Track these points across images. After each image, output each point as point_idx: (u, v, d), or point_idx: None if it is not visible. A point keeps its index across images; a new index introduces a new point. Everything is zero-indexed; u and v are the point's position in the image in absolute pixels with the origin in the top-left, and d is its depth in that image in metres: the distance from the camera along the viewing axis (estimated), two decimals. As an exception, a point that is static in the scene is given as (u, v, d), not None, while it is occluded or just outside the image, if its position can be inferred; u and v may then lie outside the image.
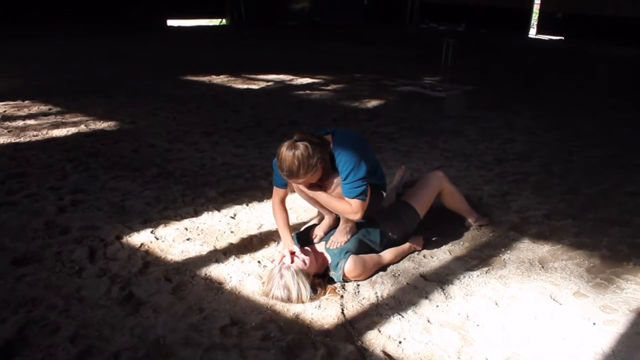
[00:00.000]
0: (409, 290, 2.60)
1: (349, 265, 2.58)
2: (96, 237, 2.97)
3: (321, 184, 2.60)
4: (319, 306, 2.43)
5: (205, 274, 2.66)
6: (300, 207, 3.52)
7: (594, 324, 2.38)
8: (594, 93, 9.04)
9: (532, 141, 5.50)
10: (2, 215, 3.19)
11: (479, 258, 2.96)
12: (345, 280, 2.62)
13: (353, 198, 2.51)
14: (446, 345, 2.20)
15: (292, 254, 2.55)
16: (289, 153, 2.39)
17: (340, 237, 2.72)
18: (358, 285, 2.62)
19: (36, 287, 2.46)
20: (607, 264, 2.93)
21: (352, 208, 2.54)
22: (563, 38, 24.13)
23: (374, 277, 2.69)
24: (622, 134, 6.06)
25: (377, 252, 2.80)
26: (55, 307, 2.32)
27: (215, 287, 2.56)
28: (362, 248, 2.73)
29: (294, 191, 2.79)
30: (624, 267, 2.90)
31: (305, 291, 2.44)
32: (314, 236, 2.85)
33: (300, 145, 2.40)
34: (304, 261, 2.52)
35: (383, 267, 2.78)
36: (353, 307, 2.44)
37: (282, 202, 2.77)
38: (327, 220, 2.88)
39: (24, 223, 3.09)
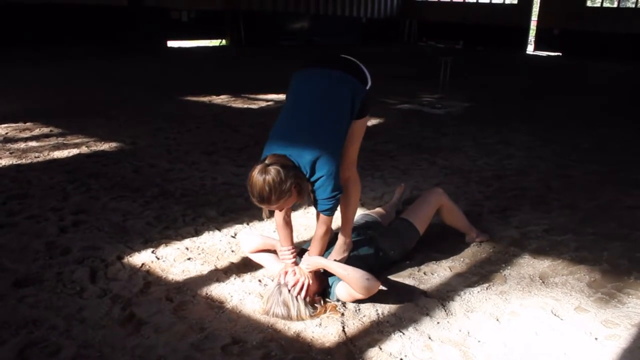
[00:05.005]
0: (409, 307, 2.59)
1: (340, 292, 2.58)
2: (97, 257, 2.98)
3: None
4: (320, 324, 2.43)
5: (206, 294, 2.66)
6: (300, 225, 3.53)
7: (596, 339, 2.37)
8: (591, 108, 9.10)
9: (531, 157, 5.53)
10: (3, 237, 3.20)
11: (480, 274, 2.96)
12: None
13: (320, 211, 2.50)
14: (448, 362, 2.20)
15: (286, 274, 2.55)
16: (259, 178, 2.25)
17: (337, 256, 2.72)
18: (359, 302, 2.62)
19: (37, 308, 2.46)
20: (608, 278, 2.94)
21: (320, 219, 2.54)
22: (560, 54, 24.34)
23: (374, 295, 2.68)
24: (618, 148, 6.10)
25: (375, 270, 2.79)
26: (56, 328, 2.32)
27: (216, 306, 2.56)
28: (358, 264, 2.72)
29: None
30: (625, 282, 2.91)
31: (304, 308, 2.45)
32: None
33: (272, 169, 2.24)
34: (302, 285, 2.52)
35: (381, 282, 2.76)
36: (354, 325, 2.44)
37: (286, 216, 2.70)
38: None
39: (25, 244, 3.10)
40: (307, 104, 2.47)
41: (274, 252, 2.83)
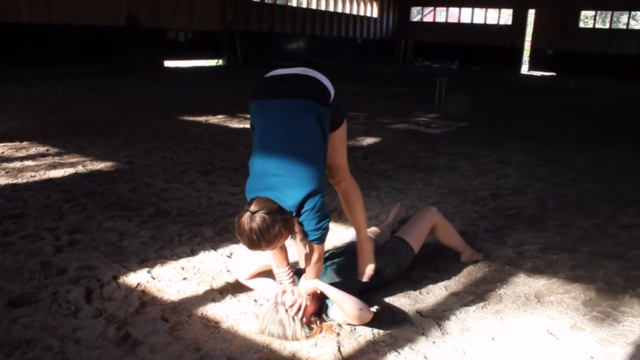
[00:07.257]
0: (405, 327, 2.59)
1: (334, 315, 2.58)
2: (92, 277, 2.97)
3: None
4: (316, 344, 2.42)
5: (202, 313, 2.66)
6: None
7: (592, 357, 2.37)
8: (585, 128, 9.17)
9: (526, 176, 5.56)
10: (-2, 257, 3.19)
11: (475, 293, 2.96)
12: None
13: (310, 241, 2.48)
14: (444, 381, 2.19)
15: (284, 293, 2.56)
16: (247, 227, 2.23)
17: (367, 263, 2.71)
18: (355, 322, 2.62)
19: (32, 329, 2.45)
20: (604, 296, 2.94)
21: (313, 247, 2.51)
22: (554, 74, 24.58)
23: (370, 314, 2.68)
24: (613, 167, 6.14)
25: (369, 289, 2.80)
26: (51, 349, 2.30)
27: (212, 326, 2.55)
28: (353, 283, 2.72)
29: None
30: (620, 300, 2.91)
31: (300, 328, 2.44)
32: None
33: (257, 218, 2.22)
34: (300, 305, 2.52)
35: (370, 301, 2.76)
36: (349, 345, 2.43)
37: None
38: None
39: (21, 264, 3.09)
40: (278, 139, 2.40)
41: (269, 271, 2.82)
